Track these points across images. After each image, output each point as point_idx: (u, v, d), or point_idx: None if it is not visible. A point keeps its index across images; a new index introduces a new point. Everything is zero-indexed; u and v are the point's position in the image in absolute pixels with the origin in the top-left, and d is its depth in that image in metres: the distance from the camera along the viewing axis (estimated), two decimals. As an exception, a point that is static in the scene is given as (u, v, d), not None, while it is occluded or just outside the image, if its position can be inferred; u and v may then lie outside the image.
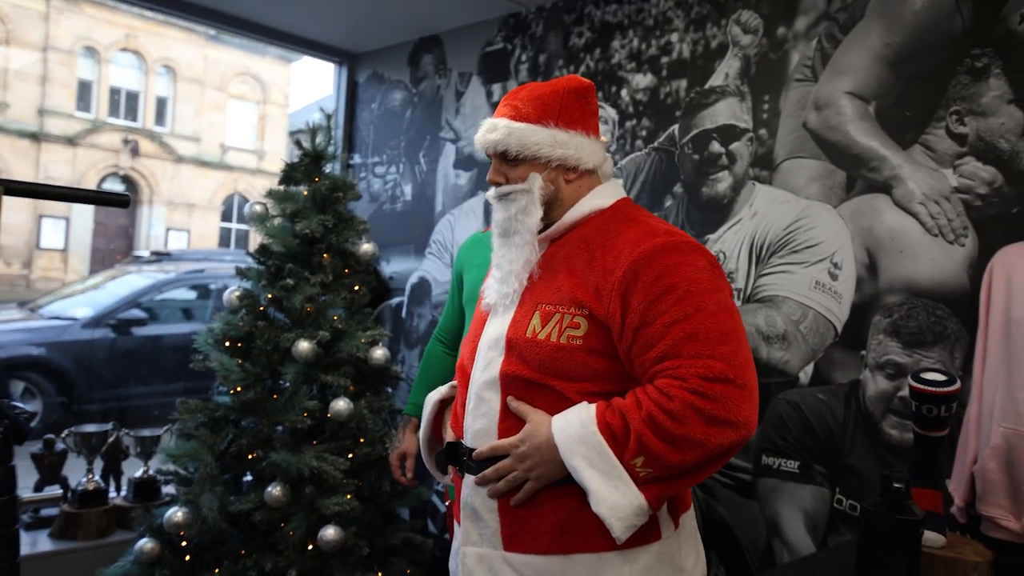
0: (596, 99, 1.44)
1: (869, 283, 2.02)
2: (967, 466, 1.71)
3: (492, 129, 1.38)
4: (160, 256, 8.79)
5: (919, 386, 1.56)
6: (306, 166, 2.68)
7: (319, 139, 2.70)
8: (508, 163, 1.39)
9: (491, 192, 1.42)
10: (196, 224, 19.07)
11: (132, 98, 18.15)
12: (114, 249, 17.50)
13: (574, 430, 1.23)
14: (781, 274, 2.18)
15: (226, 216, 19.92)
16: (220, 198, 19.62)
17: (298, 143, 2.71)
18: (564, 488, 1.28)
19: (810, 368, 2.12)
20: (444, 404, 1.58)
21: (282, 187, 2.67)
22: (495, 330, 1.38)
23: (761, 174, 2.25)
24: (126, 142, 17.75)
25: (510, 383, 1.33)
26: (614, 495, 1.20)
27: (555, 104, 1.37)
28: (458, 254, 2.14)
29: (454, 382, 1.55)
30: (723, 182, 2.33)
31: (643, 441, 1.18)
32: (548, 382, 1.30)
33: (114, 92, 17.81)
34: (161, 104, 18.63)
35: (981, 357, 1.70)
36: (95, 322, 6.15)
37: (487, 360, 1.37)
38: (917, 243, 1.93)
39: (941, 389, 1.53)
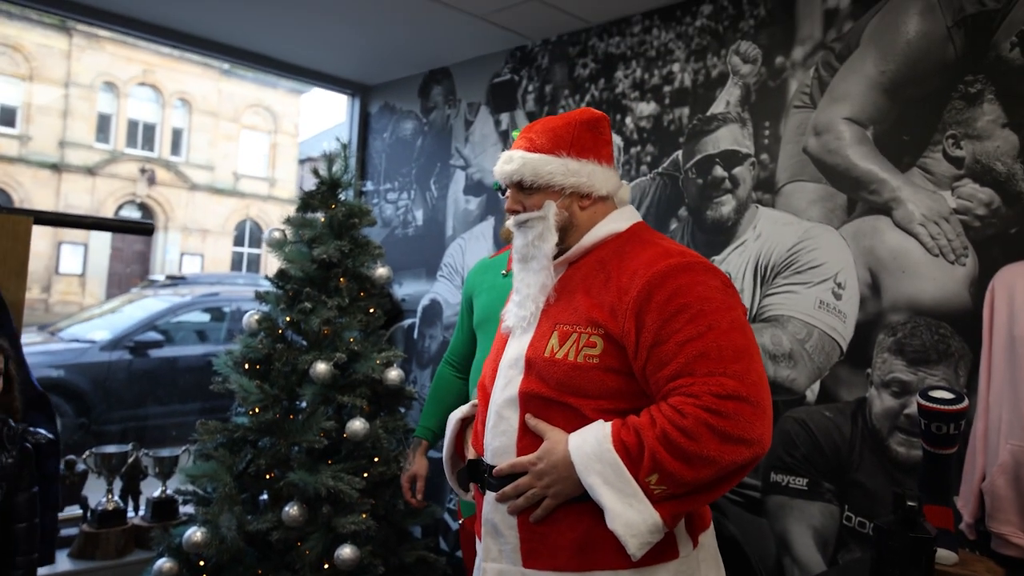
0: (609, 130, 1.44)
1: (872, 302, 2.00)
2: (975, 483, 1.68)
3: (508, 160, 1.40)
4: (175, 280, 8.79)
5: (928, 404, 1.53)
6: (323, 193, 2.67)
7: (335, 167, 2.69)
8: (524, 192, 1.40)
9: (510, 220, 1.43)
10: (209, 249, 19.11)
11: (149, 129, 18.27)
12: (130, 273, 17.51)
13: (590, 448, 1.22)
14: (786, 294, 2.16)
15: (238, 241, 19.97)
16: (233, 224, 19.69)
17: (315, 171, 2.71)
18: (581, 505, 1.26)
19: (816, 386, 2.09)
20: (465, 423, 1.57)
21: (300, 214, 2.66)
22: (515, 350, 1.38)
23: (764, 197, 2.24)
24: (143, 171, 17.84)
25: (529, 401, 1.32)
26: (629, 512, 1.18)
27: (567, 135, 1.38)
28: (467, 279, 2.12)
29: (475, 401, 1.54)
30: (727, 205, 2.32)
31: (657, 459, 1.17)
32: (566, 400, 1.29)
33: (132, 124, 17.94)
34: (177, 135, 18.75)
35: (986, 374, 1.68)
36: (113, 344, 6.13)
37: (507, 379, 1.37)
38: (918, 263, 1.91)
39: (950, 407, 1.51)
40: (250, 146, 20.16)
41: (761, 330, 2.19)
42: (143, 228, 1.24)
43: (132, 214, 17.73)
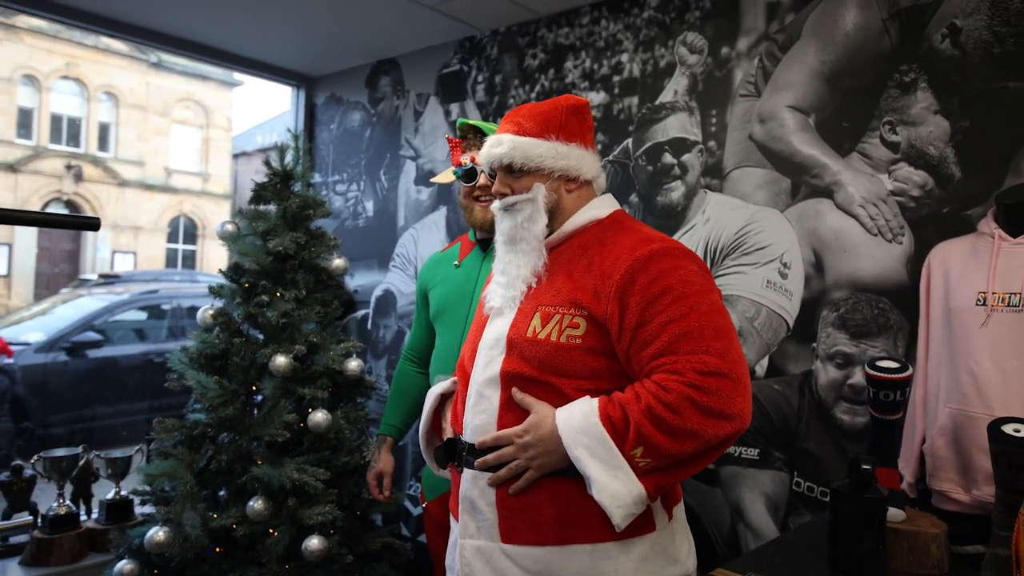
0: (591, 115, 1.45)
1: (816, 280, 2.06)
2: (916, 445, 1.75)
3: (497, 144, 1.38)
4: (110, 278, 8.40)
5: (876, 373, 1.59)
6: (275, 185, 2.58)
7: (287, 158, 2.60)
8: (512, 175, 1.39)
9: (496, 204, 1.42)
10: (142, 246, 18.30)
11: (74, 124, 17.30)
12: (59, 273, 16.60)
13: (577, 421, 1.23)
14: (735, 275, 2.20)
15: (172, 237, 19.20)
16: (166, 220, 18.90)
17: (267, 162, 2.61)
18: (561, 480, 1.27)
19: (765, 361, 2.15)
20: (444, 398, 1.56)
21: (252, 206, 2.56)
22: (496, 331, 1.38)
23: (712, 183, 2.28)
24: (69, 167, 16.90)
25: (510, 380, 1.32)
26: (615, 484, 1.20)
27: (556, 119, 1.38)
28: (420, 274, 2.09)
29: (455, 377, 1.52)
30: (676, 191, 2.36)
31: (642, 432, 1.18)
32: (547, 379, 1.29)
33: (55, 119, 16.94)
34: (104, 130, 17.82)
35: (924, 344, 1.75)
36: (49, 346, 5.82)
37: (488, 359, 1.36)
38: (859, 242, 1.98)
39: (897, 376, 1.57)
40: (181, 141, 19.35)
41: (712, 310, 2.23)
42: (89, 223, 1.15)
43: (59, 212, 16.79)
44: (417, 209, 3.19)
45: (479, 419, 1.35)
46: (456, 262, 1.97)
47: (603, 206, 1.42)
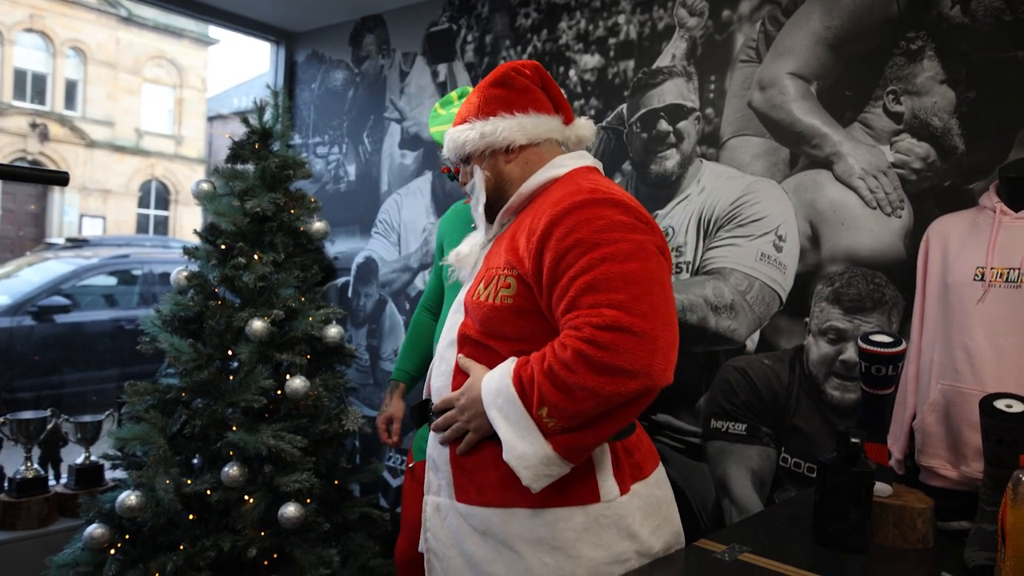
0: (522, 78, 1.42)
1: (812, 254, 2.07)
2: (906, 422, 1.78)
3: (444, 142, 1.51)
4: (78, 242, 8.28)
5: (869, 348, 1.60)
6: (253, 144, 2.54)
7: (267, 116, 2.56)
8: (463, 165, 1.49)
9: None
10: (112, 211, 18.02)
11: (39, 80, 16.90)
12: (24, 236, 16.33)
13: (494, 383, 1.26)
14: (728, 247, 2.21)
15: (143, 202, 18.91)
16: (137, 184, 18.60)
17: (245, 120, 2.56)
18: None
19: (756, 335, 2.16)
20: None
21: (229, 165, 2.52)
22: (461, 295, 1.45)
23: (708, 151, 2.27)
24: (34, 126, 16.55)
25: (464, 343, 1.38)
26: (521, 444, 1.21)
27: (477, 100, 1.43)
28: (440, 223, 2.20)
29: None
30: (671, 159, 2.35)
31: (542, 391, 1.18)
32: (488, 342, 1.34)
33: (19, 74, 16.54)
34: (71, 87, 17.43)
35: (919, 319, 1.76)
36: (13, 309, 5.73)
37: (452, 323, 1.43)
38: (857, 215, 1.99)
39: (890, 350, 1.58)
40: (153, 101, 19.00)
41: (703, 282, 2.24)
42: (57, 177, 1.11)
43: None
44: (401, 174, 3.16)
45: (439, 381, 1.42)
46: (474, 224, 2.02)
47: (563, 164, 1.40)
